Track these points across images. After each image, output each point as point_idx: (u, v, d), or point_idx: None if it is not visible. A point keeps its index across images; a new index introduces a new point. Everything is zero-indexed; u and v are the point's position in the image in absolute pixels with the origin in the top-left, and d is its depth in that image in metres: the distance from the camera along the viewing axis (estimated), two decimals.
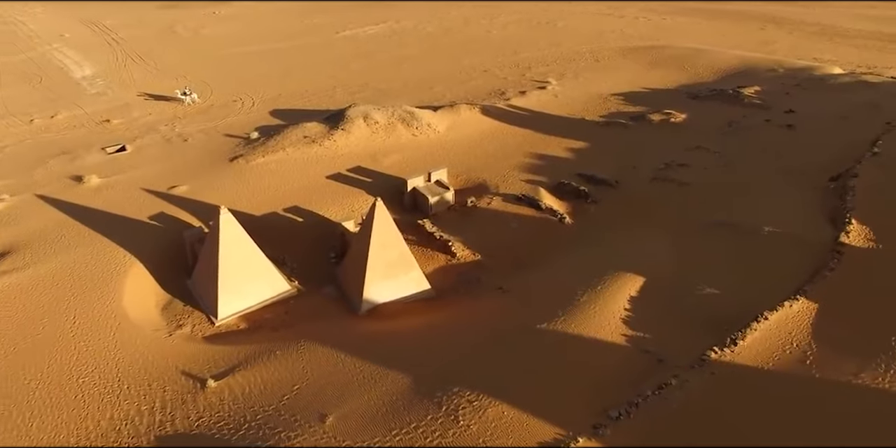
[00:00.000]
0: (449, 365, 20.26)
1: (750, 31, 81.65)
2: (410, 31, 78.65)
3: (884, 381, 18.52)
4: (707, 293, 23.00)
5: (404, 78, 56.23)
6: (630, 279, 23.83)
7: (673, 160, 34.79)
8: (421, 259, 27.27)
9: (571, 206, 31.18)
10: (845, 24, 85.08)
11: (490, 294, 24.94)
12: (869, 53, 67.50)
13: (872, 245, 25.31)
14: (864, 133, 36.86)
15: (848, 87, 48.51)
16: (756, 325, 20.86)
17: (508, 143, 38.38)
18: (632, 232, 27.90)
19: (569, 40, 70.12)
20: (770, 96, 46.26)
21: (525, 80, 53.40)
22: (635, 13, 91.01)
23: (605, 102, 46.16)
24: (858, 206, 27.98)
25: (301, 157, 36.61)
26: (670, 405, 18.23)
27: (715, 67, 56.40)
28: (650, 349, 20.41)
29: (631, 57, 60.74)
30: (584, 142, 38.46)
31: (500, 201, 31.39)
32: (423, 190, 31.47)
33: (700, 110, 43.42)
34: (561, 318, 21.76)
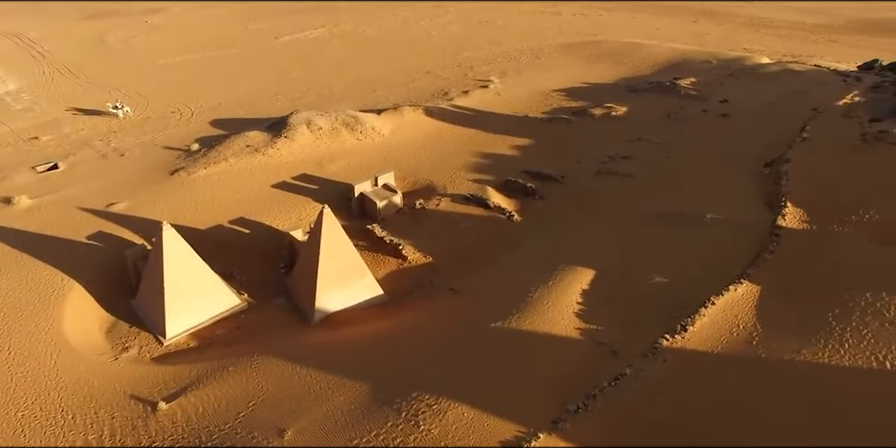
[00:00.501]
0: (406, 370, 20.13)
1: (683, 24, 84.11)
2: (350, 34, 78.05)
3: (823, 355, 19.21)
4: (656, 282, 23.48)
5: (346, 82, 55.73)
6: (580, 273, 24.14)
7: (616, 153, 35.48)
8: (372, 264, 27.05)
9: (519, 203, 31.45)
10: (770, 14, 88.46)
11: (443, 295, 24.91)
12: (793, 43, 70.41)
13: (807, 226, 26.31)
14: (794, 119, 38.31)
15: (776, 75, 50.38)
16: (704, 311, 21.40)
17: (454, 143, 38.45)
18: (580, 226, 28.31)
19: (509, 39, 70.76)
20: (705, 87, 47.65)
21: (468, 80, 53.62)
22: (572, 10, 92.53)
23: (548, 99, 46.73)
24: (792, 189, 29.07)
25: (244, 167, 35.85)
26: (626, 395, 18.52)
27: (652, 61, 57.75)
28: (604, 341, 20.70)
29: (570, 53, 61.67)
30: (528, 138, 38.84)
31: (448, 202, 31.40)
32: (370, 195, 31.22)
33: (640, 103, 44.39)
34: (515, 315, 21.87)
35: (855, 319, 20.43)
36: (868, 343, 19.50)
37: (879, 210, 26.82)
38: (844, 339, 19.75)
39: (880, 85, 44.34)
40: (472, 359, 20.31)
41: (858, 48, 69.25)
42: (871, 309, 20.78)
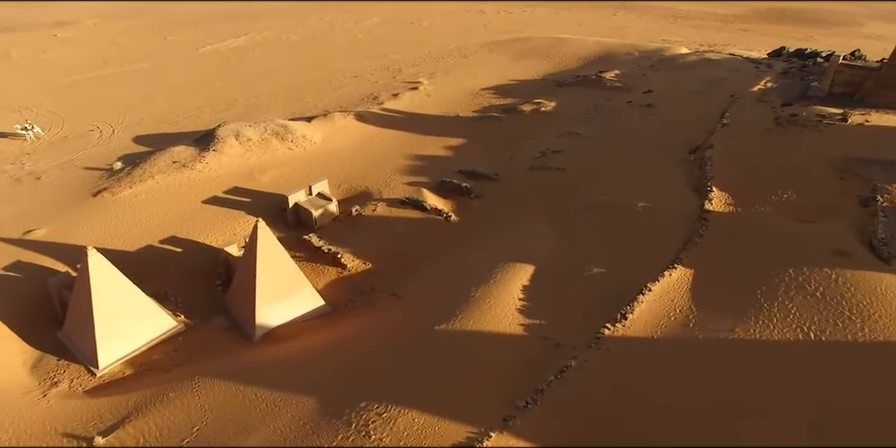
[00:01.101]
0: (353, 380, 19.84)
1: (604, 17, 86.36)
2: (274, 41, 76.58)
3: (754, 331, 19.99)
4: (594, 273, 23.94)
5: (273, 90, 54.65)
6: (520, 269, 24.37)
7: (548, 148, 36.06)
8: (312, 275, 26.59)
9: (456, 203, 31.55)
10: (686, 6, 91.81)
11: (385, 301, 24.72)
12: (708, 33, 73.28)
13: (732, 209, 27.37)
14: (714, 106, 39.92)
15: (695, 65, 52.34)
16: (642, 298, 21.93)
17: (386, 147, 38.25)
18: (517, 222, 28.59)
19: (435, 39, 70.96)
20: (629, 79, 49.04)
21: (397, 83, 53.48)
22: (496, 8, 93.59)
23: (477, 97, 47.11)
24: (717, 174, 30.19)
25: (173, 184, 34.63)
26: (573, 386, 18.77)
27: (577, 55, 59.03)
28: (548, 335, 20.94)
29: (497, 51, 62.34)
30: (461, 138, 39.03)
31: (384, 207, 31.20)
32: (305, 204, 30.69)
33: (567, 97, 45.28)
34: (458, 316, 21.88)
35: (781, 295, 21.35)
36: (794, 316, 20.41)
37: (796, 189, 28.17)
38: (772, 314, 20.61)
39: (788, 71, 46.67)
40: (418, 363, 20.19)
41: (767, 36, 72.73)
42: (794, 283, 21.75)
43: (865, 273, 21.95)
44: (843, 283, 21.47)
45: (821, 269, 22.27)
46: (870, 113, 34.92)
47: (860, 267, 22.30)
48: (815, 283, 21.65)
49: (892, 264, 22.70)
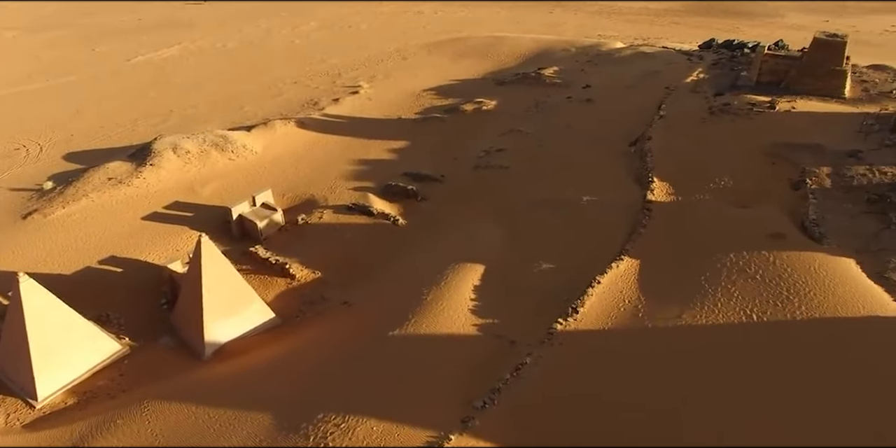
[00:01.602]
0: (308, 392, 19.51)
1: (541, 15, 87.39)
2: (209, 49, 74.69)
3: (700, 317, 20.53)
4: (543, 269, 24.18)
5: (211, 100, 53.28)
6: (471, 269, 24.40)
7: (491, 146, 36.28)
8: (260, 287, 26.05)
9: (403, 206, 31.40)
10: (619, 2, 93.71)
11: (337, 310, 24.41)
12: (641, 27, 75.06)
13: (673, 198, 28.08)
14: (651, 99, 40.82)
15: (631, 59, 53.48)
16: (591, 291, 22.25)
17: (330, 153, 37.77)
18: (464, 222, 28.64)
19: (374, 42, 70.45)
20: (568, 75, 49.75)
21: (337, 87, 52.91)
22: (433, 8, 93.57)
23: (419, 99, 47.02)
24: (657, 165, 30.89)
25: (109, 202, 33.35)
26: (529, 383, 18.89)
27: (515, 53, 59.55)
28: (501, 333, 21.04)
29: (436, 51, 62.38)
30: (404, 141, 38.88)
31: (331, 214, 30.80)
32: (249, 215, 30.02)
33: (508, 95, 45.63)
34: (411, 321, 21.75)
35: (723, 279, 22.00)
36: (737, 300, 21.06)
37: (732, 176, 29.11)
38: (717, 299, 21.22)
39: (719, 62, 48.14)
40: (374, 371, 20.00)
41: (697, 28, 74.94)
42: (735, 268, 22.45)
43: (800, 253, 22.84)
44: (780, 265, 22.28)
45: (759, 252, 23.06)
46: (795, 100, 36.36)
47: (794, 248, 23.19)
48: (755, 266, 22.39)
49: (824, 243, 23.71)
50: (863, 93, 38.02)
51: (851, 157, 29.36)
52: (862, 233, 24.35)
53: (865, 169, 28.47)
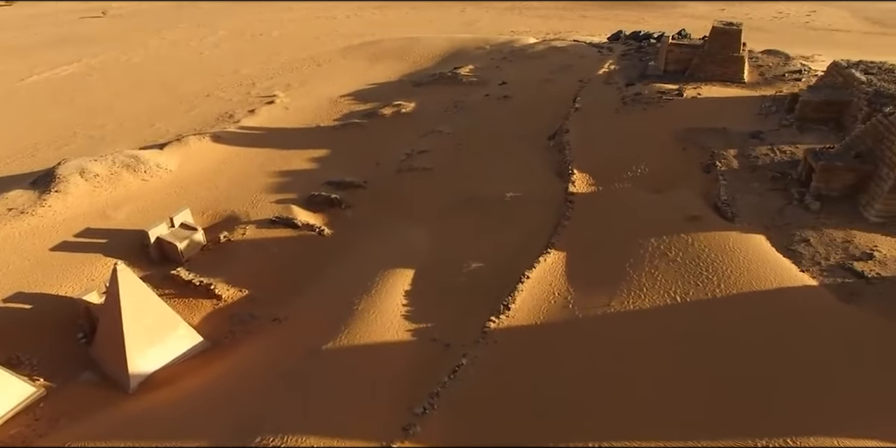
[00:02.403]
0: (243, 415, 18.81)
1: (453, 14, 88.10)
2: (113, 65, 71.38)
3: (628, 303, 21.06)
4: (473, 268, 24.26)
5: (118, 119, 50.91)
6: (401, 274, 24.22)
7: (413, 149, 36.19)
8: (185, 311, 25.06)
9: (328, 216, 30.87)
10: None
11: (267, 327, 23.74)
12: (552, 22, 76.78)
13: (594, 188, 28.76)
14: (566, 92, 41.71)
15: (544, 54, 54.54)
16: (521, 286, 22.46)
17: (249, 166, 36.73)
18: (391, 227, 28.44)
19: (287, 49, 69.17)
20: (484, 72, 50.27)
21: (252, 98, 51.59)
22: (346, 12, 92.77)
23: (337, 105, 46.42)
24: (576, 157, 31.57)
25: (11, 235, 31.17)
26: (468, 384, 18.89)
27: (431, 53, 59.74)
28: (436, 336, 20.95)
29: (351, 56, 61.82)
30: (325, 149, 38.28)
31: (254, 229, 29.93)
32: (168, 237, 28.79)
33: (426, 96, 45.68)
34: (344, 332, 21.37)
35: (646, 264, 22.65)
36: (660, 283, 21.72)
37: (648, 163, 30.07)
38: (642, 284, 21.83)
39: (627, 53, 49.75)
40: (310, 387, 19.50)
41: (605, 21, 77.38)
42: (657, 252, 23.17)
43: (715, 233, 23.81)
44: (698, 246, 23.15)
45: (678, 235, 23.89)
46: (700, 86, 37.98)
47: (710, 228, 24.16)
48: (675, 249, 23.18)
49: (736, 222, 24.81)
50: (760, 77, 40.08)
51: (754, 139, 30.86)
52: (769, 209, 25.61)
53: (768, 149, 30.00)
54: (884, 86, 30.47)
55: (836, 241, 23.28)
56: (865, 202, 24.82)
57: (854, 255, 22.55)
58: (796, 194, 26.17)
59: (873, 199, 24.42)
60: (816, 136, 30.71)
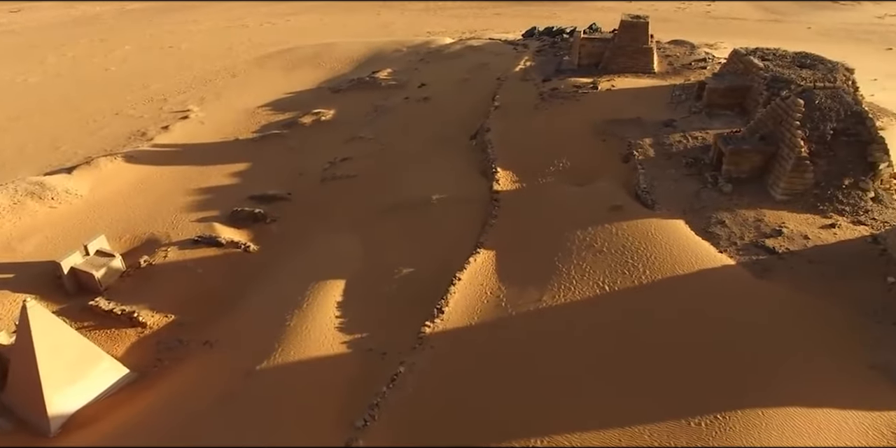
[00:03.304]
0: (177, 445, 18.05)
1: (368, 18, 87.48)
2: (7, 86, 66.97)
3: (559, 296, 21.32)
4: (404, 274, 24.08)
5: (18, 144, 47.80)
6: (332, 285, 23.79)
7: (335, 157, 35.67)
8: (108, 343, 23.86)
9: (253, 231, 30.03)
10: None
11: (198, 352, 22.86)
12: (467, 21, 77.40)
13: (519, 185, 29.04)
14: (484, 91, 42.01)
15: (460, 53, 54.86)
16: (453, 289, 22.41)
17: (167, 186, 35.30)
18: (319, 238, 27.94)
19: (199, 61, 66.92)
20: (402, 75, 50.11)
21: (165, 114, 49.55)
22: (259, 20, 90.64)
23: (255, 117, 45.26)
24: (498, 155, 31.79)
25: None
26: (407, 392, 18.69)
27: (348, 58, 59.11)
28: (372, 346, 20.69)
29: (267, 65, 60.43)
30: (246, 162, 37.24)
31: (176, 251, 28.79)
32: (83, 267, 27.29)
33: (345, 102, 45.16)
34: (277, 350, 20.82)
35: (574, 257, 23.02)
36: (589, 275, 22.13)
37: (569, 157, 30.62)
38: (571, 277, 22.17)
39: (542, 49, 50.60)
40: (246, 411, 18.90)
41: (518, 17, 78.58)
42: (583, 244, 23.59)
43: (637, 221, 24.46)
44: (622, 235, 23.73)
45: (602, 225, 24.41)
46: (613, 78, 39.03)
47: (632, 217, 24.80)
48: (601, 240, 23.67)
49: (656, 209, 25.59)
50: (669, 66, 41.56)
51: (667, 127, 31.93)
52: (685, 194, 26.53)
53: (680, 136, 31.10)
54: (779, 71, 32.12)
55: (749, 221, 24.35)
56: (772, 181, 26.08)
57: (765, 232, 23.66)
58: (710, 178, 27.22)
59: (778, 179, 25.69)
60: (724, 122, 32.06)
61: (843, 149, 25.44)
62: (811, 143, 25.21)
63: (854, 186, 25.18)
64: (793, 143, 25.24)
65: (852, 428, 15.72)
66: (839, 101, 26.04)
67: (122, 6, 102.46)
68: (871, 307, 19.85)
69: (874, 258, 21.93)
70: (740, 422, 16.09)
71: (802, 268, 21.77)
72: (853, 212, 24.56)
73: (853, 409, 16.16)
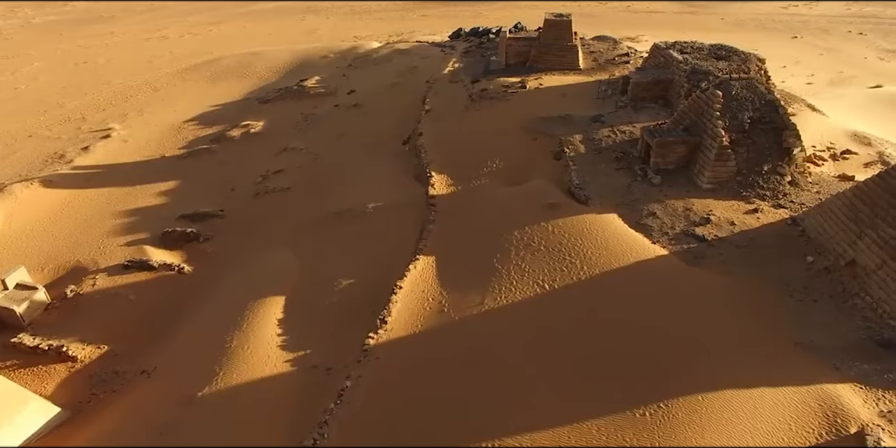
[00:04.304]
0: None
1: (293, 24, 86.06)
2: None
3: (500, 297, 21.43)
4: (345, 285, 23.75)
5: None
6: (271, 302, 23.25)
7: (267, 170, 34.89)
8: (35, 381, 22.58)
9: (186, 252, 29.00)
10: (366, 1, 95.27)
11: (135, 382, 21.89)
12: (393, 24, 77.15)
13: (454, 189, 29.10)
14: (414, 94, 41.98)
15: (388, 57, 54.64)
16: (395, 297, 22.23)
17: (90, 210, 33.66)
18: (256, 254, 27.24)
19: (118, 76, 64.20)
20: (331, 82, 49.50)
21: (84, 134, 47.27)
22: (180, 31, 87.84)
23: (181, 132, 43.77)
24: (432, 159, 31.80)
25: None
26: (356, 407, 18.40)
27: (274, 67, 57.97)
28: (317, 363, 20.31)
29: (190, 77, 58.60)
30: (174, 180, 35.96)
31: (106, 277, 27.51)
32: (2, 302, 25.68)
33: (274, 113, 44.25)
34: (219, 374, 20.18)
35: (513, 257, 23.20)
36: (529, 274, 22.35)
37: (502, 157, 30.91)
38: (511, 277, 22.34)
39: (469, 50, 50.93)
40: (191, 440, 18.22)
41: (444, 18, 78.88)
42: (521, 244, 23.82)
43: (572, 218, 24.88)
44: (559, 232, 24.08)
45: (539, 224, 24.71)
46: (541, 76, 39.66)
47: (567, 214, 25.21)
48: (538, 239, 23.96)
49: (590, 204, 26.11)
50: (594, 62, 42.55)
51: (596, 122, 32.65)
52: (617, 188, 27.21)
53: (609, 131, 31.86)
54: (698, 63, 33.32)
55: (679, 211, 25.15)
56: (697, 171, 27.01)
57: (695, 221, 24.50)
58: (639, 171, 27.98)
59: (703, 168, 26.63)
60: (649, 114, 33.04)
61: (761, 136, 26.59)
62: (731, 132, 26.24)
63: (773, 172, 26.37)
64: (714, 133, 26.19)
65: (785, 404, 16.40)
66: (754, 91, 27.17)
67: (27, 20, 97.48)
68: (794, 286, 20.85)
69: (794, 239, 23.03)
70: (683, 408, 16.55)
71: (731, 253, 22.64)
72: (773, 196, 25.73)
73: (784, 385, 16.87)
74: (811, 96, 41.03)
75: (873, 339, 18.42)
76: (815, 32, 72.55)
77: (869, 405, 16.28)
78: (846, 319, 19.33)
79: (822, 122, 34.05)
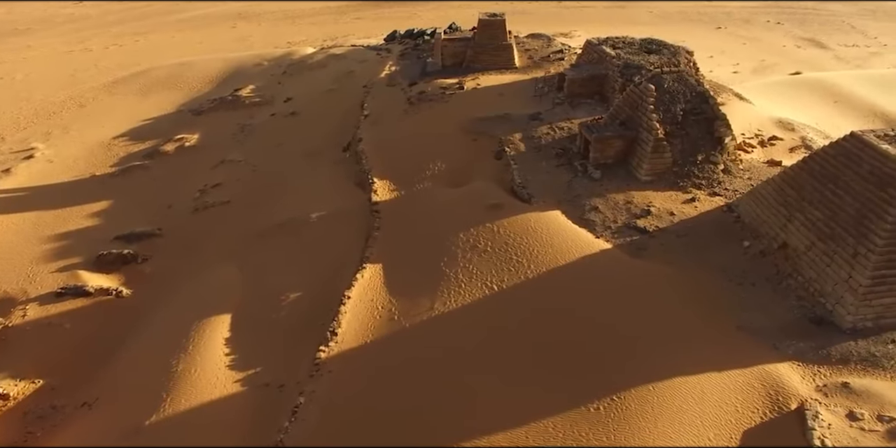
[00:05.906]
0: None
1: (223, 31, 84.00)
2: None
3: (450, 301, 21.31)
4: (292, 299, 23.28)
5: None
6: (217, 321, 22.58)
7: (206, 184, 33.91)
8: None
9: (123, 274, 27.87)
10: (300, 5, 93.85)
11: (76, 416, 20.90)
12: (327, 28, 76.24)
13: (397, 194, 28.89)
14: (352, 100, 41.48)
15: (324, 63, 53.91)
16: (344, 308, 21.86)
17: (16, 236, 31.91)
18: (198, 273, 26.41)
19: (38, 92, 61.12)
20: (266, 90, 48.54)
21: (4, 156, 44.77)
22: (104, 42, 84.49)
23: (112, 149, 42.05)
24: (373, 165, 31.48)
25: None
26: (311, 422, 18.03)
27: (206, 77, 56.40)
28: (268, 380, 19.84)
29: (118, 91, 56.37)
30: (107, 200, 34.53)
31: (37, 307, 26.19)
32: None
33: (209, 125, 43.06)
34: (167, 401, 19.46)
35: (460, 260, 23.14)
36: (477, 276, 22.33)
37: (443, 159, 30.82)
38: (459, 280, 22.28)
39: (405, 52, 50.69)
40: None
41: (379, 20, 78.40)
42: (467, 246, 23.78)
43: (516, 217, 24.98)
44: (504, 233, 24.16)
45: (483, 225, 24.72)
46: (478, 77, 39.77)
47: (511, 213, 25.29)
48: (484, 240, 23.97)
49: (533, 203, 26.31)
50: (529, 60, 42.94)
51: (534, 120, 32.93)
52: (559, 185, 27.48)
53: (548, 128, 32.18)
54: (630, 58, 34.02)
55: (620, 204, 25.62)
56: (635, 164, 27.59)
57: (636, 213, 24.99)
58: (579, 167, 28.35)
59: (641, 161, 27.21)
60: (586, 110, 33.54)
61: (693, 127, 27.34)
62: (665, 124, 26.88)
63: (706, 161, 27.17)
64: (650, 126, 26.79)
65: (731, 387, 16.92)
66: (684, 84, 27.91)
67: None
68: (733, 271, 21.52)
69: (731, 225, 23.77)
70: (634, 399, 16.84)
71: (672, 243, 23.20)
72: (708, 185, 26.52)
73: (729, 369, 17.40)
74: (737, 85, 42.58)
75: (807, 317, 19.18)
76: (738, 23, 75.43)
77: (807, 381, 16.99)
78: (782, 300, 20.06)
79: (749, 110, 35.32)
